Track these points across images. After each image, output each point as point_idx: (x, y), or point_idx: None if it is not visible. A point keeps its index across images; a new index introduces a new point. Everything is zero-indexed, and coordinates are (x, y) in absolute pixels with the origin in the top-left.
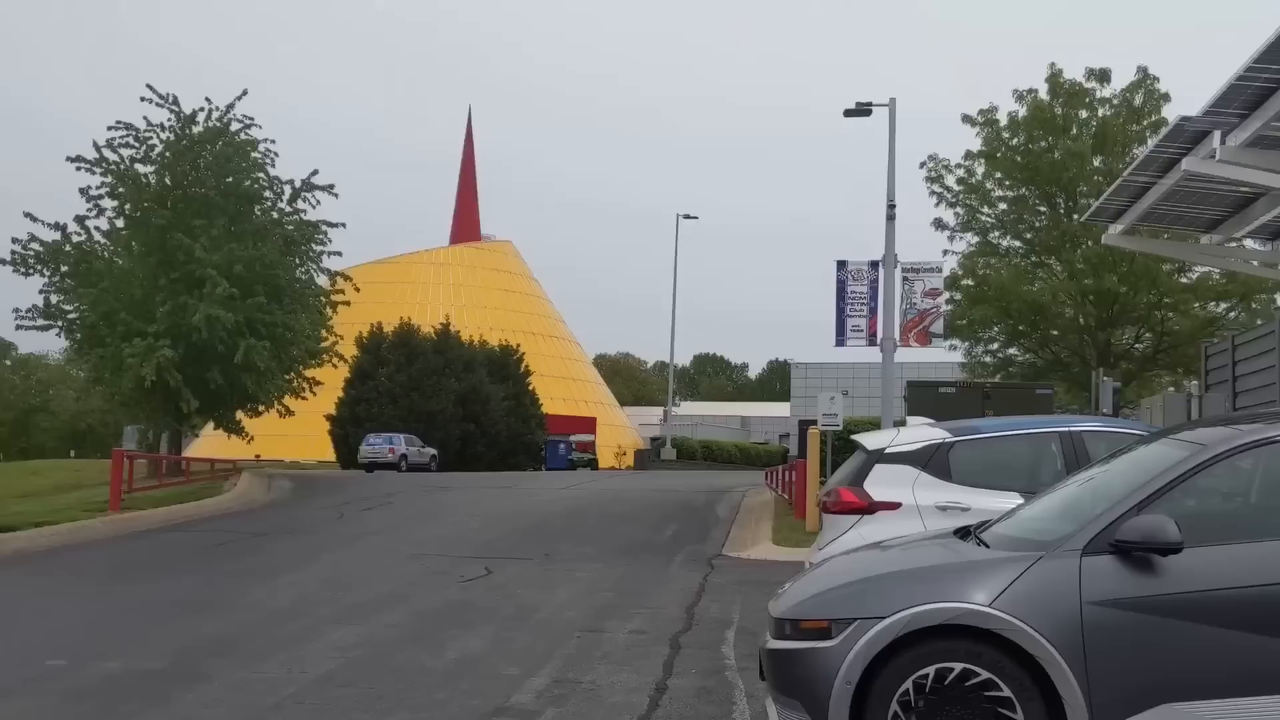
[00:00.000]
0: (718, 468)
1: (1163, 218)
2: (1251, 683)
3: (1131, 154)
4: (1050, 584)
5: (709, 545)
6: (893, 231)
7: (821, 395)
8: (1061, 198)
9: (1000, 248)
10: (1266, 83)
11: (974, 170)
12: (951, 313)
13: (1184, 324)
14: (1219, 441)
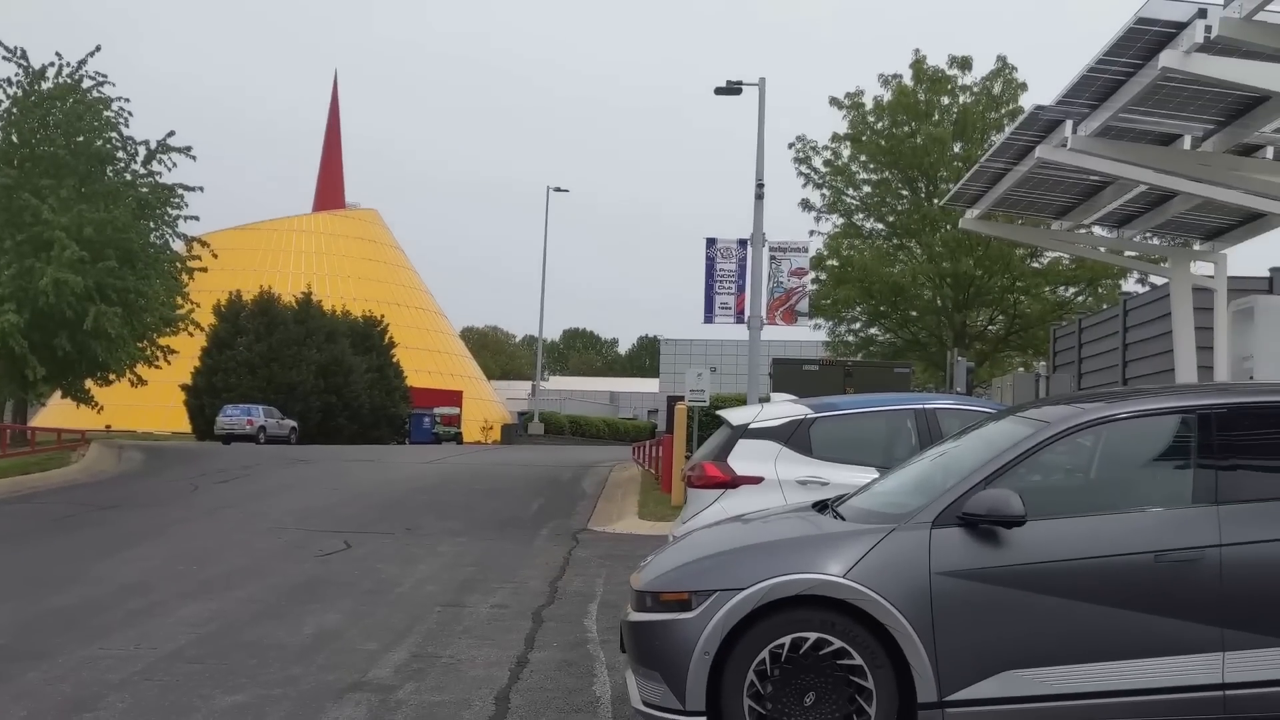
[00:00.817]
0: (586, 443)
1: (1017, 204)
2: (1089, 650)
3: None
4: (901, 555)
5: (574, 520)
6: (761, 211)
7: (689, 371)
8: (923, 182)
9: (864, 230)
10: (1115, 75)
11: (840, 153)
12: (817, 292)
13: (1035, 307)
14: (1062, 419)
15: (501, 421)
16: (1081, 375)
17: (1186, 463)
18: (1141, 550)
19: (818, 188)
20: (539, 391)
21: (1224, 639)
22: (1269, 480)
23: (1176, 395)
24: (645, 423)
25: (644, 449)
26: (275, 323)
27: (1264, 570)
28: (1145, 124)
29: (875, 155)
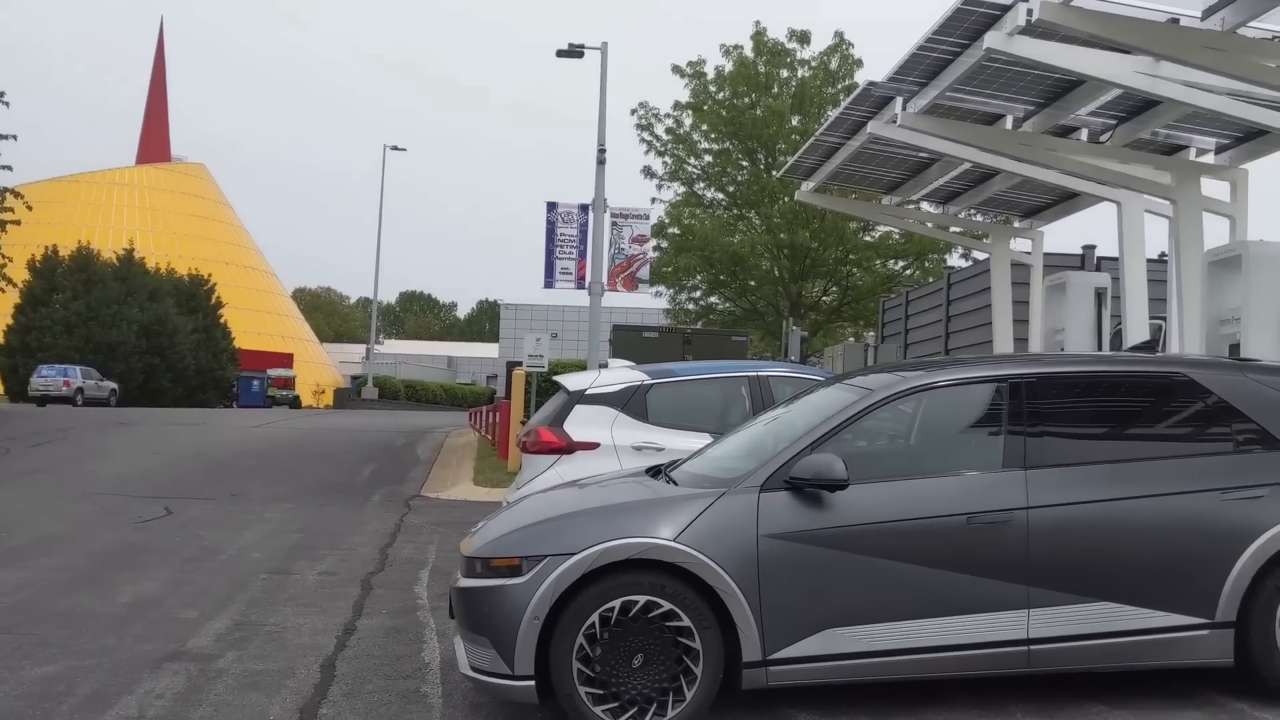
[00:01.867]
0: (422, 408)
1: (850, 177)
2: (906, 608)
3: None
4: (731, 519)
5: (407, 486)
6: (603, 176)
7: (528, 336)
8: (762, 153)
9: (705, 199)
10: (944, 54)
11: (682, 121)
12: (658, 260)
13: (866, 279)
14: (884, 386)
15: (334, 386)
16: (908, 345)
17: (998, 429)
18: (955, 513)
19: (660, 155)
20: (374, 355)
21: (1030, 597)
22: (1072, 446)
23: (990, 365)
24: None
25: (481, 415)
26: (94, 280)
27: (1066, 531)
28: (971, 103)
29: (716, 125)
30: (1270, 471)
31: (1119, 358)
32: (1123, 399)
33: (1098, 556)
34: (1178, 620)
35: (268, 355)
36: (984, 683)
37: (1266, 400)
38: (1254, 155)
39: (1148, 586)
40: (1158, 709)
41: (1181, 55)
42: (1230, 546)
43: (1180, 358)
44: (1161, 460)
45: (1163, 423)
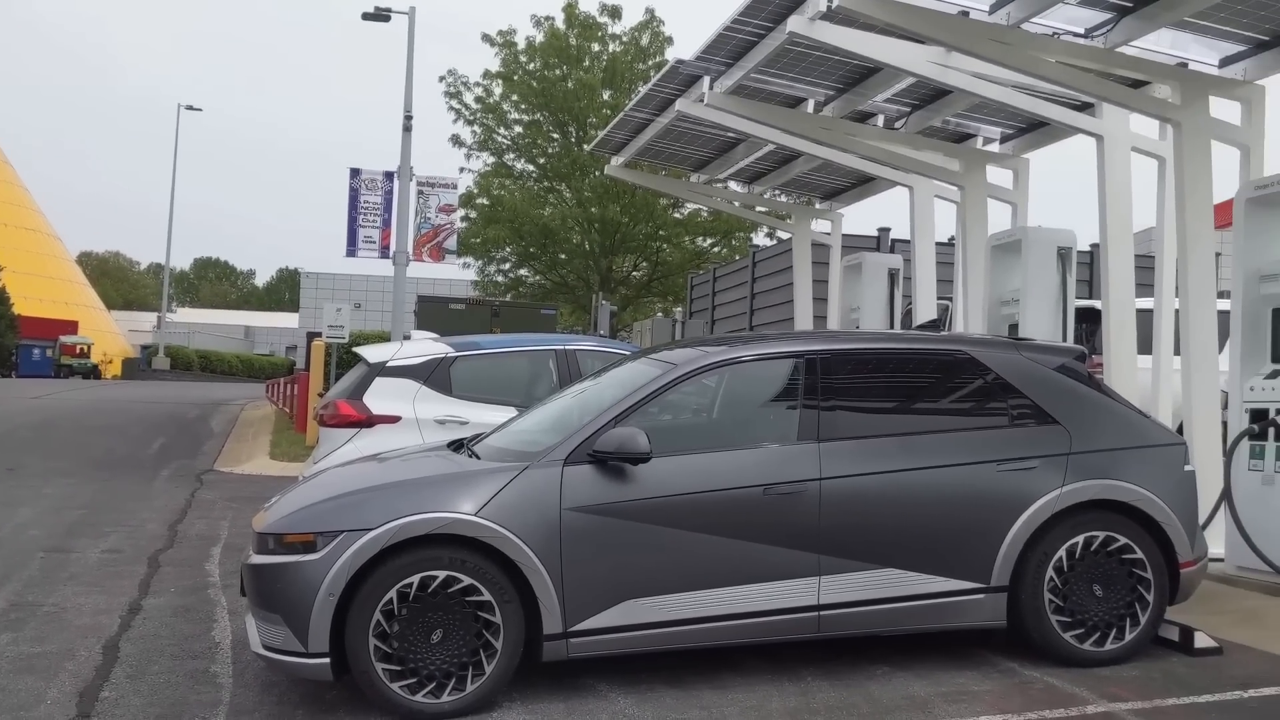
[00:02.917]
0: (217, 379)
1: (659, 154)
2: (704, 577)
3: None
4: (534, 492)
5: (200, 460)
6: (409, 143)
7: (328, 306)
8: (574, 126)
9: (515, 170)
10: (749, 35)
11: (492, 91)
12: (466, 230)
13: (676, 255)
14: (688, 361)
15: (122, 356)
16: (715, 321)
17: (795, 403)
18: (752, 484)
19: (469, 124)
20: (166, 324)
21: (820, 565)
22: (862, 419)
23: (789, 341)
24: (283, 359)
25: (279, 387)
26: None
27: (855, 501)
28: (776, 85)
29: (527, 96)
30: (1041, 445)
31: (906, 336)
32: (909, 375)
33: (884, 525)
34: (957, 585)
35: (51, 323)
36: (778, 648)
37: (1038, 377)
38: (1035, 145)
39: (930, 554)
40: (937, 669)
41: (970, 47)
42: (1004, 516)
43: (962, 336)
44: (944, 434)
45: (946, 398)
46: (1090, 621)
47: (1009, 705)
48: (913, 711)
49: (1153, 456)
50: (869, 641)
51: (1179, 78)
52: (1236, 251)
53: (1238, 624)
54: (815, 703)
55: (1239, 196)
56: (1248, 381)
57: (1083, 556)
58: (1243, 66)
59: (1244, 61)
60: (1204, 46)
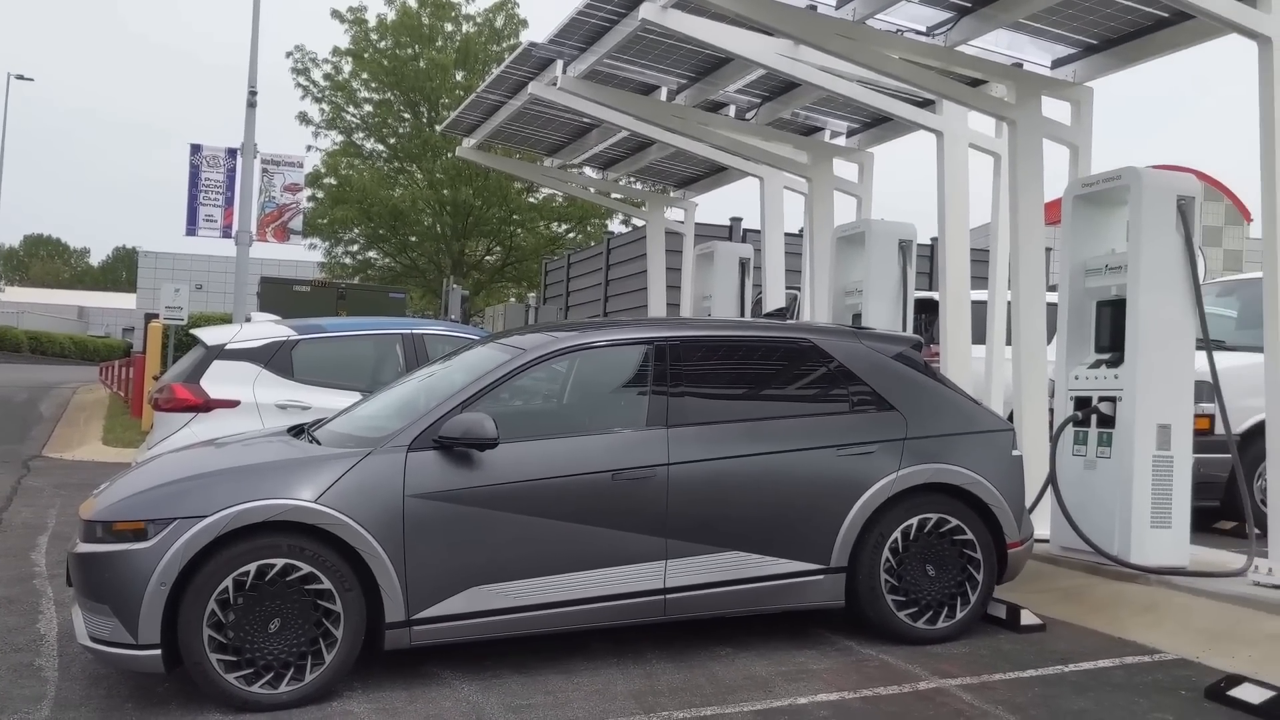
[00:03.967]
0: (48, 362)
1: (512, 137)
2: (552, 563)
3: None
4: (376, 479)
5: (27, 445)
6: (253, 119)
7: (167, 287)
8: (425, 107)
9: (364, 150)
10: (603, 20)
11: (342, 68)
12: (312, 210)
13: (530, 240)
14: (537, 347)
15: None
16: (569, 307)
17: (644, 389)
18: (601, 470)
19: (317, 102)
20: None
21: (667, 548)
22: (710, 405)
23: (638, 327)
24: (119, 341)
25: (113, 370)
26: None
27: (701, 486)
28: (630, 72)
29: (377, 75)
30: (879, 430)
31: (754, 324)
32: (756, 362)
33: (730, 509)
34: (799, 567)
35: None
36: (624, 631)
37: (878, 365)
38: (879, 140)
39: (773, 536)
40: (778, 649)
41: (817, 41)
42: (844, 499)
43: (806, 325)
44: (788, 419)
45: (790, 385)
46: (923, 601)
47: (845, 683)
48: (754, 690)
49: (983, 442)
50: (714, 623)
51: (1014, 78)
52: (1063, 246)
53: (1060, 601)
54: (660, 685)
55: (1067, 193)
56: (1072, 371)
57: (917, 538)
58: (1073, 68)
59: (1074, 64)
60: (1038, 48)
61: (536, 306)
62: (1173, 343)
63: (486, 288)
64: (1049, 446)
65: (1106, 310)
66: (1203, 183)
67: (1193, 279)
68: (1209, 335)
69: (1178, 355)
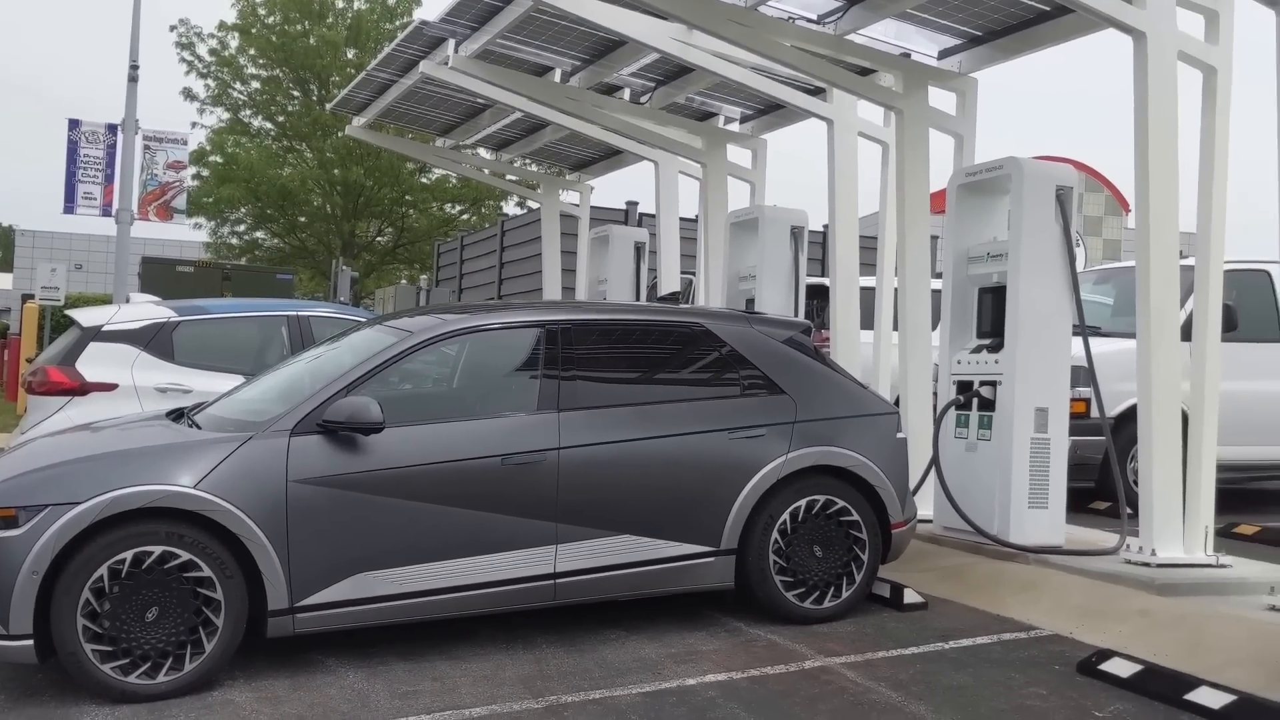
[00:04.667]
0: None
1: (404, 116)
2: (440, 549)
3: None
4: (258, 464)
5: None
6: (134, 94)
7: (42, 266)
8: (315, 84)
9: (252, 127)
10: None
11: (228, 43)
12: (198, 189)
13: (423, 222)
14: (425, 329)
15: None
16: (462, 290)
17: (535, 373)
18: (491, 454)
19: (202, 77)
20: None
21: (558, 533)
22: (602, 389)
23: (529, 311)
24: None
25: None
26: None
27: (593, 470)
28: (523, 52)
29: (265, 51)
30: (769, 414)
31: (646, 308)
32: (648, 347)
33: (621, 493)
34: (689, 549)
35: None
36: (514, 617)
37: (768, 350)
38: (773, 126)
39: (664, 519)
40: (668, 631)
41: (710, 26)
42: (734, 482)
43: (699, 309)
44: (680, 403)
45: (682, 369)
46: (811, 581)
47: (734, 664)
48: (643, 673)
49: (869, 425)
50: (606, 607)
51: (902, 67)
52: (948, 234)
53: (942, 580)
54: (549, 669)
55: (951, 182)
56: (955, 355)
57: (805, 519)
58: (959, 59)
59: (960, 54)
60: (925, 39)
61: (428, 289)
62: (1050, 329)
63: (378, 270)
64: (933, 429)
65: (988, 297)
66: (1084, 174)
67: (1070, 267)
68: (1085, 322)
69: (1055, 341)
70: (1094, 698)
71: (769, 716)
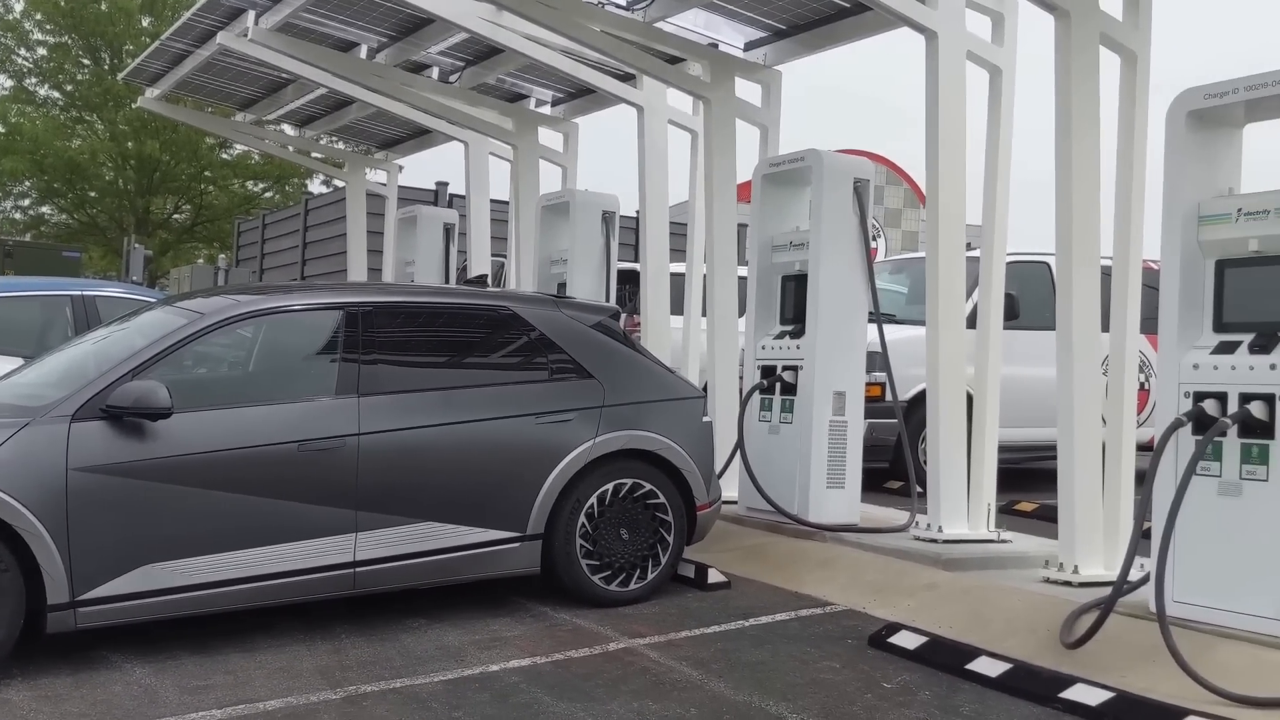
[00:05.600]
0: None
1: (202, 89)
2: (235, 538)
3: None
4: (35, 451)
5: None
6: None
7: None
8: (107, 53)
9: (38, 96)
10: None
11: (12, 6)
12: None
13: (223, 199)
14: (217, 311)
15: None
16: (264, 270)
17: (335, 356)
18: (286, 440)
19: None
20: None
21: (357, 521)
22: (405, 374)
23: (328, 292)
24: None
25: None
26: None
27: (394, 456)
28: (328, 27)
29: (53, 15)
30: (578, 398)
31: (452, 291)
32: (455, 330)
33: (424, 479)
34: (495, 535)
35: None
36: (313, 607)
37: (577, 334)
38: (584, 111)
39: (469, 506)
40: (473, 618)
41: (519, 7)
42: (542, 466)
43: (506, 293)
44: (486, 388)
45: (489, 353)
46: (617, 564)
47: (538, 648)
48: (446, 660)
49: (676, 409)
50: (409, 595)
51: (710, 57)
52: (752, 223)
53: (745, 560)
54: (348, 659)
55: (756, 172)
56: (760, 341)
57: (612, 503)
58: (764, 52)
59: (765, 47)
60: (733, 30)
61: (228, 269)
62: (848, 316)
63: (174, 248)
64: (738, 413)
65: (791, 284)
66: (885, 167)
67: (866, 257)
68: (880, 309)
69: (852, 327)
70: (883, 669)
71: (571, 699)
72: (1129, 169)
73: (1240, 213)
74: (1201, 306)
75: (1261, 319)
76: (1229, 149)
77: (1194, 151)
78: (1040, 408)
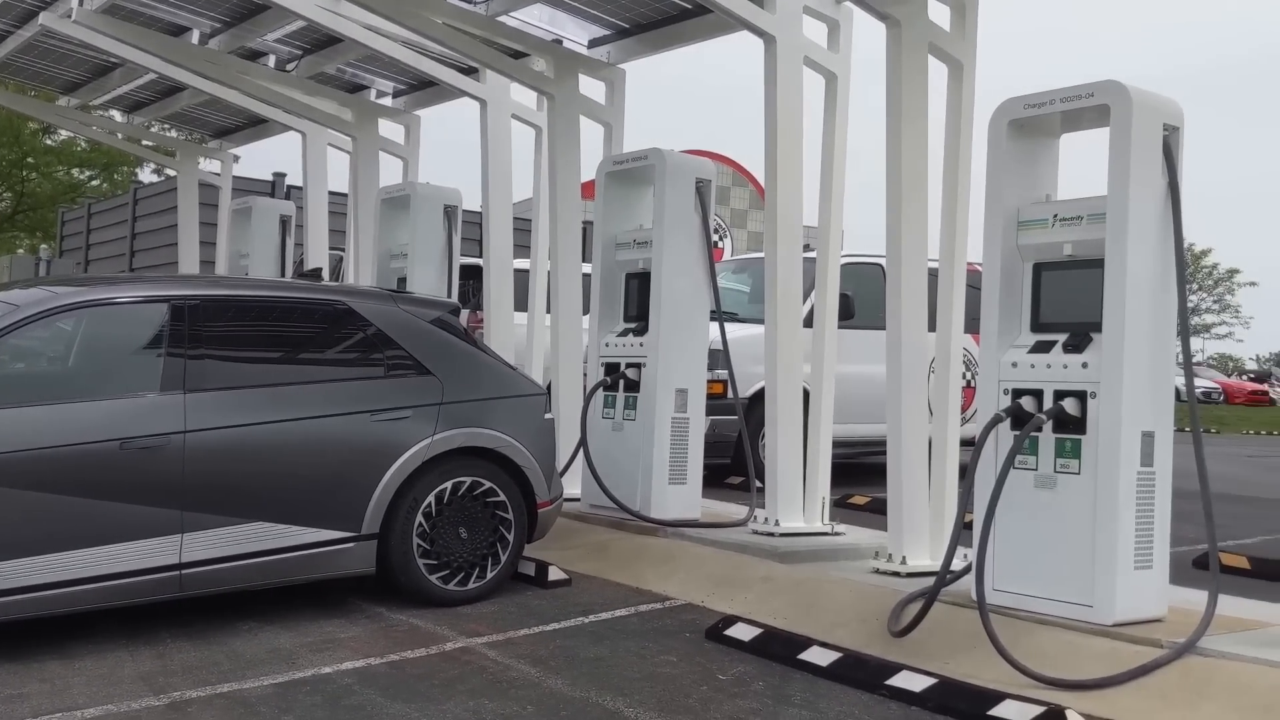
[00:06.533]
0: None
1: (22, 71)
2: (52, 540)
3: None
4: None
5: None
6: None
7: None
8: None
9: None
10: None
11: None
12: None
13: (46, 186)
14: (32, 303)
15: None
16: (90, 261)
17: (160, 351)
18: (107, 438)
19: None
20: None
21: (184, 521)
22: (234, 369)
23: (155, 285)
24: None
25: None
26: None
27: (222, 455)
28: (158, 10)
29: None
30: (415, 395)
31: (285, 284)
32: (288, 325)
33: (254, 479)
34: (329, 535)
35: None
36: (136, 612)
37: (415, 330)
38: (427, 103)
39: (301, 506)
40: (305, 620)
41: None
42: (377, 465)
43: (342, 287)
44: (320, 384)
45: (323, 349)
46: (456, 563)
47: (373, 649)
48: (277, 663)
49: (516, 406)
50: (240, 598)
51: (554, 53)
52: (597, 221)
53: (586, 556)
54: (173, 664)
55: (600, 170)
56: (603, 338)
57: (450, 501)
58: (608, 49)
59: (609, 45)
60: (577, 26)
61: (50, 260)
62: (690, 314)
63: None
64: (581, 410)
65: (634, 282)
66: (731, 168)
67: (708, 256)
68: (722, 308)
69: (694, 325)
70: (719, 662)
71: (406, 700)
72: (955, 174)
73: (1056, 218)
74: (1020, 307)
75: (1074, 319)
76: (1047, 157)
77: (1014, 159)
78: (874, 404)
